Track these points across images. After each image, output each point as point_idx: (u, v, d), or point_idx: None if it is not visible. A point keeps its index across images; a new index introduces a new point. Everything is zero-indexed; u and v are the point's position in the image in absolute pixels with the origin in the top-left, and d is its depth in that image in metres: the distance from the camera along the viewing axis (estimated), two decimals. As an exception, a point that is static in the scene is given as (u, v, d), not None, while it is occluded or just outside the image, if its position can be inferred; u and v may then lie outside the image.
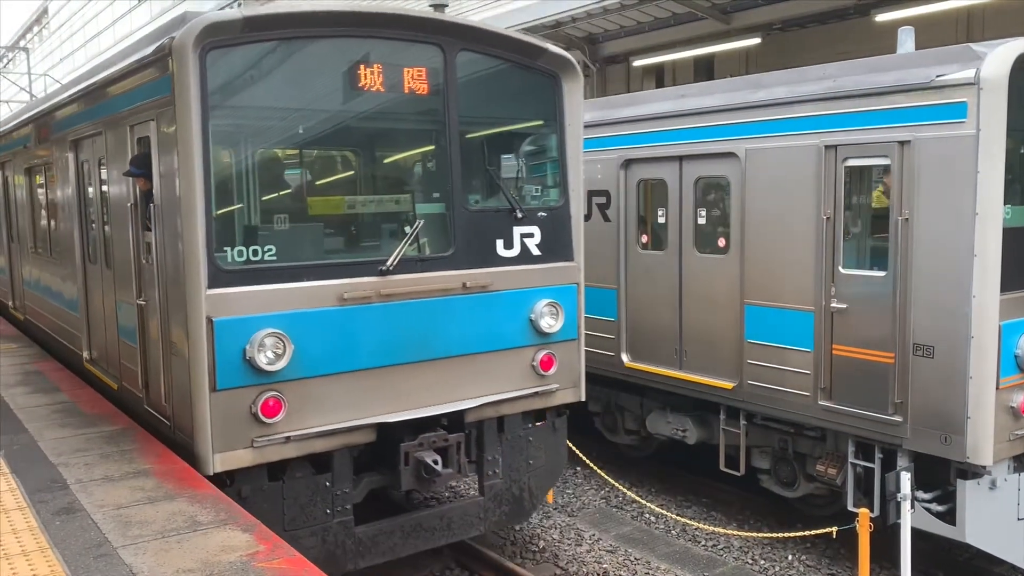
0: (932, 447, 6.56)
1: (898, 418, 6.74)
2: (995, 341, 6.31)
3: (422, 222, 6.53)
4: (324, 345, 6.05)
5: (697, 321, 8.41)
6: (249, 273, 5.86)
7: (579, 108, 7.33)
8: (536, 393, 7.12)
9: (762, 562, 7.84)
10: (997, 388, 6.35)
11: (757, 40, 14.39)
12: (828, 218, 7.14)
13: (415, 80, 6.42)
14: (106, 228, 7.74)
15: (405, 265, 6.40)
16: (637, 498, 8.32)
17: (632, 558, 7.84)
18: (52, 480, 5.91)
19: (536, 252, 7.08)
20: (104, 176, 7.60)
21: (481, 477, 7.06)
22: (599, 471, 9.20)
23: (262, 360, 5.78)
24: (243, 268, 5.85)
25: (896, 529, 6.42)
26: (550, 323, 7.07)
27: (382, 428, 6.34)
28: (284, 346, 5.85)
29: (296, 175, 6.73)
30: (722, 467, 8.48)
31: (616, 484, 9.01)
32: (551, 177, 7.44)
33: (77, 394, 8.32)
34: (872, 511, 6.88)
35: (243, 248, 5.88)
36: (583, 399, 7.62)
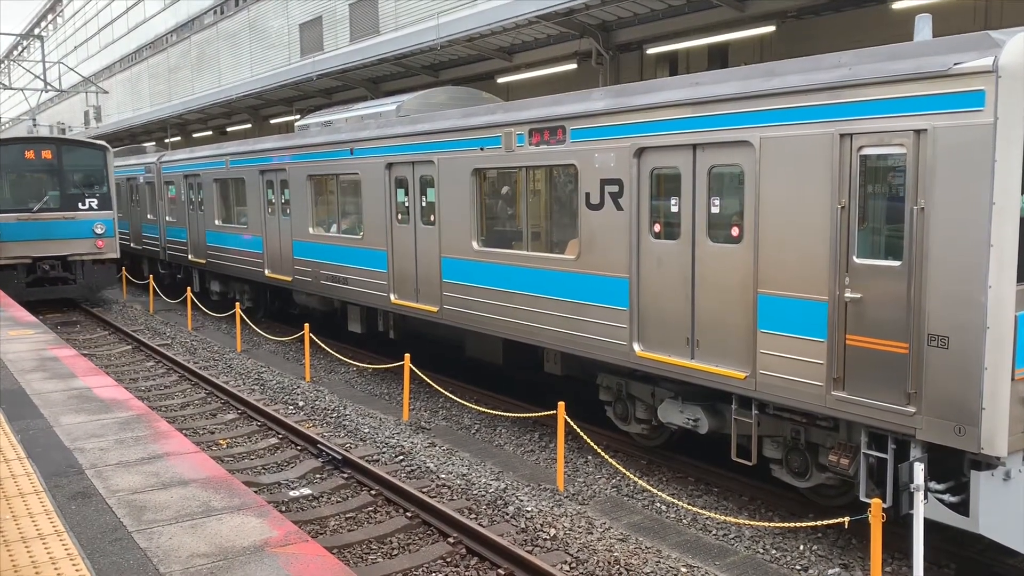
0: (946, 438, 6.53)
1: (912, 409, 6.71)
2: (1011, 332, 6.25)
3: (48, 197, 21.51)
4: (12, 232, 21.05)
5: (709, 311, 8.38)
6: None
7: (112, 159, 22.81)
8: (95, 253, 21.92)
9: (773, 552, 7.84)
10: (1012, 379, 6.29)
11: (772, 28, 14.28)
12: (843, 207, 7.10)
13: (46, 154, 21.93)
14: None
15: (44, 212, 21.49)
16: (648, 487, 8.33)
17: (643, 547, 7.86)
18: (68, 465, 5.97)
19: (96, 207, 22.02)
20: None
21: (76, 279, 21.60)
22: (610, 460, 9.22)
23: None
24: None
25: (908, 520, 6.40)
26: (99, 231, 21.86)
27: (34, 258, 21.20)
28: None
29: (4, 186, 21.53)
30: (734, 457, 8.47)
31: (627, 473, 9.02)
32: (104, 184, 22.38)
33: (92, 381, 8.40)
34: (884, 502, 6.86)
35: None
36: (118, 256, 22.40)
